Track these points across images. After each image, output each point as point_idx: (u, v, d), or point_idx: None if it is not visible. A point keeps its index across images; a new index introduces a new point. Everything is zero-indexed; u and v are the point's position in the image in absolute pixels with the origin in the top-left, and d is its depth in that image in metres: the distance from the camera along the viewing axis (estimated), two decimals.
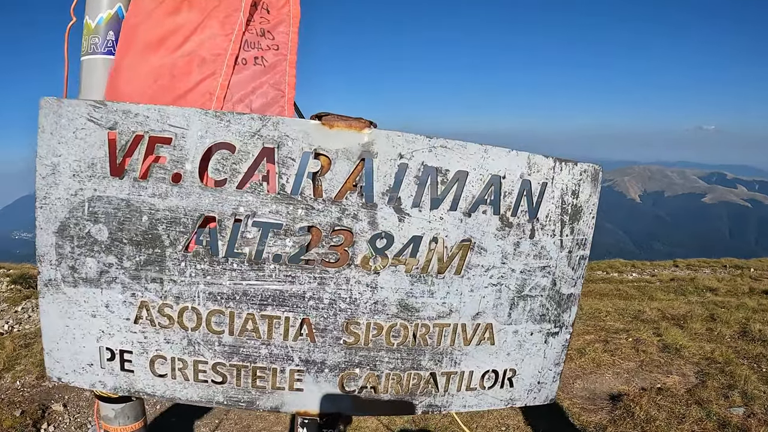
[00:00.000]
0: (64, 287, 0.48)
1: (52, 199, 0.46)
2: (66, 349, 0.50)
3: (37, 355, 4.89)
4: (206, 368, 0.48)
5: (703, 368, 4.52)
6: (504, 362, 0.54)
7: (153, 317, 0.47)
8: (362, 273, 0.48)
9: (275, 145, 0.43)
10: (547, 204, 0.50)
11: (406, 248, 0.48)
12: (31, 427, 3.56)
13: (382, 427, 3.29)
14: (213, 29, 0.56)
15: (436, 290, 0.49)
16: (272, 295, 0.46)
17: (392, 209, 0.46)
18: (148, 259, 0.45)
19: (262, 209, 0.44)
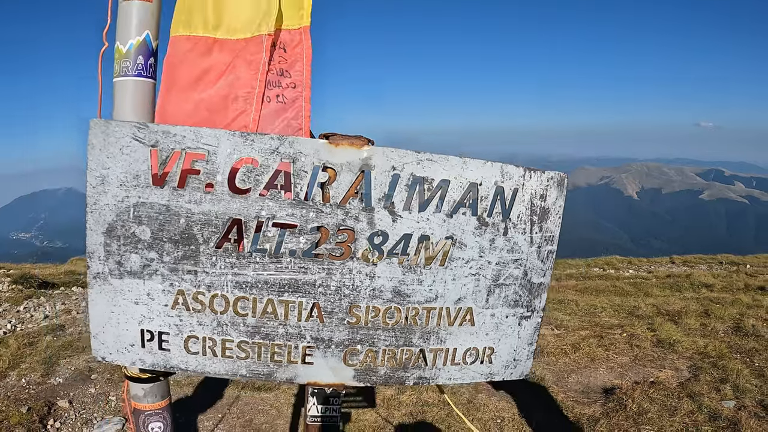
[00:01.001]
0: (111, 279, 0.57)
1: (100, 205, 0.55)
2: (110, 332, 0.59)
3: (41, 353, 4.97)
4: (232, 346, 0.58)
5: (696, 362, 4.64)
6: (483, 341, 0.64)
7: (188, 303, 0.57)
8: (362, 265, 0.58)
9: (291, 160, 0.53)
10: (519, 206, 0.60)
11: (398, 244, 0.58)
12: (38, 423, 3.66)
13: (381, 419, 3.40)
14: (241, 70, 0.66)
15: (423, 279, 0.59)
16: (288, 283, 0.56)
17: (387, 212, 0.56)
18: (184, 254, 0.55)
19: (280, 213, 0.54)
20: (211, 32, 0.71)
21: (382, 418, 3.51)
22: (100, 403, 4.19)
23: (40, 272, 9.00)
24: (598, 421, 3.64)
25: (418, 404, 3.75)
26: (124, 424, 3.82)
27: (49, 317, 6.47)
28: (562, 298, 8.04)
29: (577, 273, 11.73)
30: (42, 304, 6.95)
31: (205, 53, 0.70)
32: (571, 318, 6.75)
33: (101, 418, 3.97)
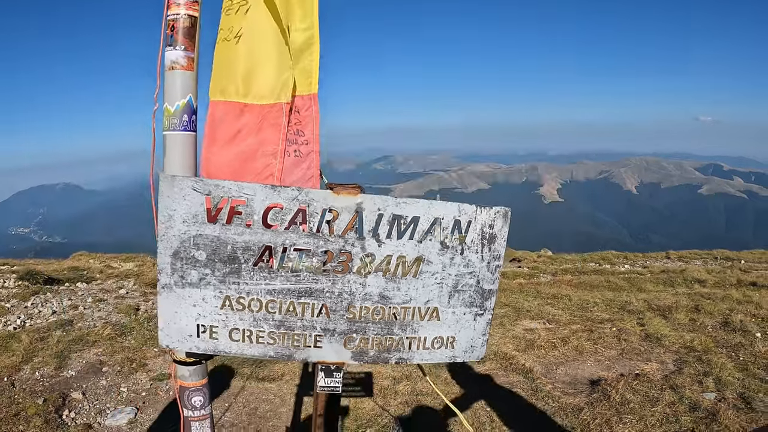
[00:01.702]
0: (175, 289, 0.80)
1: (168, 236, 0.78)
2: (174, 327, 0.82)
3: (53, 347, 5.23)
4: (264, 335, 0.81)
5: (681, 356, 4.88)
6: (447, 332, 0.87)
7: (232, 305, 0.80)
8: (357, 277, 0.81)
9: (306, 204, 0.75)
10: (472, 233, 0.83)
11: (383, 262, 0.81)
12: (54, 413, 3.92)
13: (378, 407, 3.66)
14: (267, 131, 0.88)
15: (401, 286, 0.82)
16: (304, 290, 0.79)
17: (374, 240, 0.79)
18: (230, 270, 0.78)
19: (299, 241, 0.77)
20: (241, 99, 0.94)
21: (379, 406, 3.76)
22: (113, 394, 4.44)
23: (44, 268, 9.22)
24: (582, 410, 3.88)
25: (413, 393, 4.01)
26: (136, 413, 4.08)
27: (56, 313, 6.68)
28: (556, 293, 8.25)
29: (572, 268, 11.86)
30: (49, 300, 7.15)
31: (239, 115, 0.92)
32: (563, 312, 6.97)
33: (114, 408, 4.20)
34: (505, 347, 5.22)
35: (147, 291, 7.63)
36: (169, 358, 4.95)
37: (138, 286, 8.02)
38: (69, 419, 3.84)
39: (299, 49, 0.99)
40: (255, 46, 0.96)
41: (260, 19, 0.95)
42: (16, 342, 5.23)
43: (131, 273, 8.92)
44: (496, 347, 5.20)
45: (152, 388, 4.52)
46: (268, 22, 0.95)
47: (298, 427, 3.48)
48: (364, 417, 3.47)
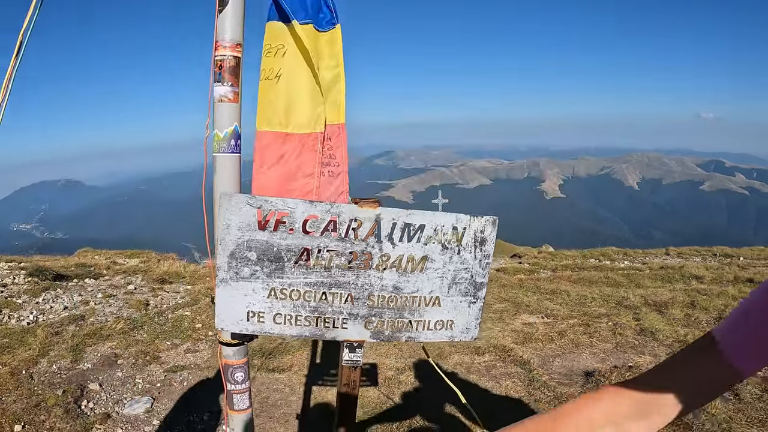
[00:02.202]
0: (231, 282, 1.02)
1: (226, 240, 1.00)
2: (228, 313, 1.04)
3: (68, 341, 5.47)
4: (301, 319, 1.03)
5: (674, 350, 5.10)
6: (447, 316, 1.09)
7: (277, 295, 1.01)
8: (376, 272, 1.02)
9: (337, 215, 0.97)
10: (467, 237, 1.04)
11: (396, 260, 1.02)
12: (73, 403, 4.17)
13: (383, 396, 3.90)
14: (306, 155, 1.10)
15: (410, 280, 1.04)
16: (335, 283, 1.01)
17: (389, 243, 1.00)
18: (276, 267, 1.00)
19: (330, 244, 0.99)
20: (284, 129, 1.16)
21: (383, 395, 4.00)
22: (128, 386, 4.68)
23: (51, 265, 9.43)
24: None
25: (416, 383, 4.25)
26: (152, 402, 4.32)
27: (68, 308, 6.90)
28: (555, 289, 8.45)
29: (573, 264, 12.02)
30: (60, 296, 7.36)
31: (282, 143, 1.14)
32: (561, 307, 7.18)
33: (131, 399, 4.44)
34: (503, 340, 5.43)
35: (155, 287, 7.82)
36: (180, 352, 5.18)
37: (146, 282, 8.21)
38: (88, 409, 4.08)
39: (328, 85, 1.21)
40: (292, 85, 1.18)
41: (295, 60, 1.17)
42: (32, 336, 5.44)
43: (139, 269, 9.11)
44: (495, 340, 5.40)
45: (166, 379, 4.73)
46: (302, 63, 1.17)
47: (308, 415, 3.71)
48: (370, 405, 3.70)
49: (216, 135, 1.14)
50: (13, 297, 7.02)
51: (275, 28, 1.21)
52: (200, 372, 4.62)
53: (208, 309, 6.34)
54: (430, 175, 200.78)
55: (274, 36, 1.20)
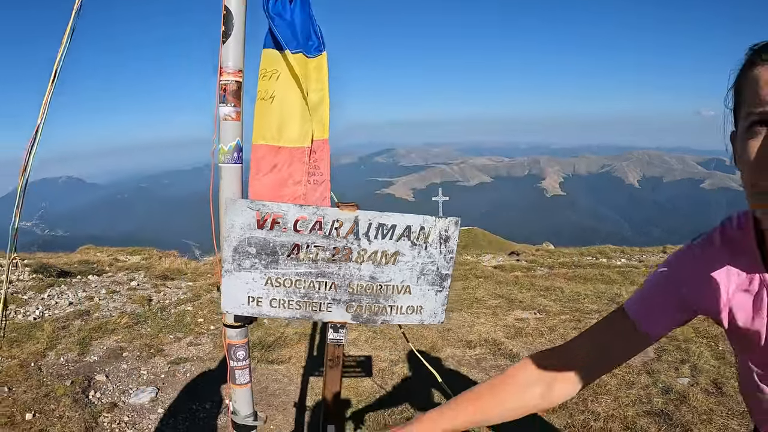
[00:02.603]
0: (234, 272, 1.23)
1: (231, 238, 1.20)
2: (232, 298, 1.25)
3: (75, 335, 5.71)
4: (293, 303, 1.24)
5: (662, 345, 5.24)
6: (416, 302, 1.30)
7: (272, 283, 1.22)
8: (355, 264, 1.23)
9: (322, 217, 1.18)
10: (433, 235, 1.25)
11: (372, 254, 1.23)
12: (81, 393, 4.40)
13: (376, 386, 4.12)
14: (295, 166, 1.31)
15: (384, 270, 1.24)
16: (320, 272, 1.22)
17: (366, 240, 1.21)
18: (272, 260, 1.20)
19: (317, 241, 1.19)
20: (277, 143, 1.37)
21: (377, 385, 4.22)
22: (134, 377, 4.90)
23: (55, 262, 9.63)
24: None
25: (408, 375, 4.46)
26: (157, 392, 4.54)
27: (73, 304, 7.10)
28: (550, 286, 8.62)
29: (570, 261, 12.16)
30: (64, 292, 7.57)
31: (275, 154, 1.35)
32: (554, 304, 7.35)
33: (136, 389, 4.67)
34: (495, 334, 5.62)
35: (157, 283, 7.99)
36: (183, 345, 5.39)
37: (148, 278, 8.38)
38: (95, 399, 4.29)
39: (315, 105, 1.42)
40: (284, 105, 1.39)
41: (287, 84, 1.38)
42: (39, 330, 5.66)
43: (141, 266, 9.27)
44: (486, 334, 5.60)
45: (170, 370, 4.94)
46: (293, 86, 1.38)
47: (305, 403, 3.91)
48: (364, 393, 3.92)
49: (221, 148, 1.35)
50: (18, 293, 7.22)
51: (270, 54, 1.41)
52: (203, 364, 4.83)
53: (210, 304, 6.55)
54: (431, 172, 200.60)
55: (269, 62, 1.41)
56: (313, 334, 5.18)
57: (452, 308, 6.42)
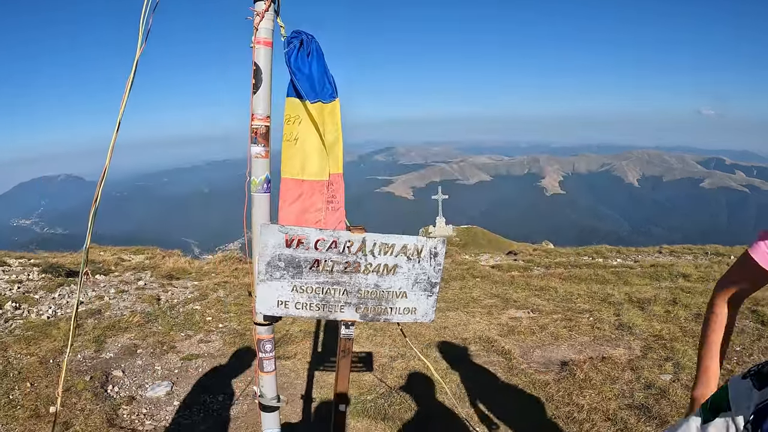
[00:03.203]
0: (267, 281, 1.56)
1: (265, 254, 1.54)
2: (265, 302, 1.58)
3: (90, 333, 6.05)
4: (313, 306, 1.57)
5: (649, 343, 5.54)
6: (411, 304, 1.63)
7: (297, 289, 1.56)
8: (363, 275, 1.57)
9: (337, 238, 1.51)
10: (424, 252, 1.59)
11: (377, 266, 1.57)
12: (100, 388, 4.75)
13: (377, 380, 4.46)
14: (316, 196, 1.64)
15: (386, 280, 1.58)
16: (336, 281, 1.55)
17: (372, 256, 1.55)
18: (296, 272, 1.54)
19: (333, 257, 1.53)
20: (300, 176, 1.70)
21: (378, 378, 4.57)
22: (149, 372, 5.25)
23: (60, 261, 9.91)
24: (549, 384, 4.66)
25: (406, 369, 4.82)
26: (171, 386, 4.88)
27: (84, 303, 7.40)
28: (545, 285, 8.92)
29: (566, 261, 12.40)
30: (74, 291, 7.89)
31: (299, 186, 1.68)
32: (547, 303, 7.66)
33: (152, 383, 5.01)
34: (489, 332, 5.95)
35: (164, 282, 8.28)
36: (194, 342, 5.73)
37: (155, 278, 8.66)
38: (114, 392, 4.63)
39: (330, 144, 1.75)
40: (306, 145, 1.72)
41: (307, 127, 1.71)
42: (55, 329, 5.98)
43: (146, 266, 9.54)
44: (481, 332, 5.93)
45: (183, 366, 5.28)
46: (312, 129, 1.72)
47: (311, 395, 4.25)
48: (365, 386, 4.26)
49: (253, 181, 1.68)
50: (30, 292, 7.53)
51: (293, 102, 1.75)
52: (213, 360, 5.17)
53: (217, 303, 6.88)
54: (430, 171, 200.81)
55: (292, 108, 1.74)
56: (316, 332, 5.52)
57: (449, 307, 6.77)
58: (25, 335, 5.62)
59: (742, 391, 0.87)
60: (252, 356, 5.13)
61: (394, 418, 3.77)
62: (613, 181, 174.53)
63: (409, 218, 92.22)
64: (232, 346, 5.39)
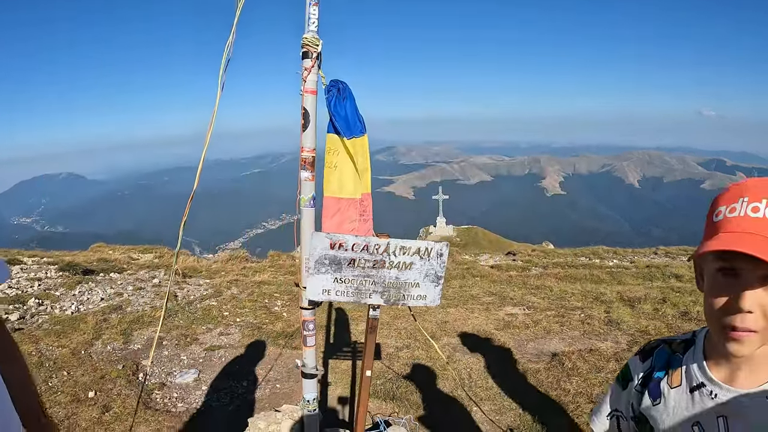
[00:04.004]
0: (315, 275, 2.11)
1: (314, 254, 2.08)
2: (313, 290, 2.14)
3: (117, 326, 6.62)
4: (349, 293, 2.13)
5: (635, 338, 6.08)
6: (422, 292, 2.19)
7: (337, 281, 2.12)
8: (387, 270, 2.13)
9: (368, 243, 2.06)
10: (432, 253, 2.13)
11: (397, 263, 2.13)
12: (132, 375, 5.32)
13: (384, 366, 5.01)
14: (351, 210, 2.19)
15: (404, 274, 2.15)
16: (366, 275, 2.11)
17: (394, 255, 2.11)
18: (337, 267, 2.09)
19: (365, 256, 2.09)
20: (339, 195, 2.25)
21: (386, 366, 5.12)
22: (175, 362, 5.80)
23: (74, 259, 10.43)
24: (539, 372, 5.23)
25: (411, 359, 5.37)
26: (198, 373, 5.43)
27: (104, 299, 7.95)
28: (541, 284, 9.48)
29: (563, 262, 12.94)
30: (93, 289, 8.43)
31: (338, 203, 2.23)
32: (542, 301, 8.21)
33: (180, 371, 5.55)
34: (486, 327, 6.51)
35: (179, 280, 8.78)
36: (215, 335, 6.27)
37: (168, 276, 9.15)
38: (145, 379, 5.15)
39: (362, 171, 2.30)
40: (343, 171, 2.27)
41: (344, 157, 2.26)
42: (82, 323, 6.52)
43: (158, 264, 10.03)
44: (479, 327, 6.49)
45: (207, 356, 5.83)
46: (348, 159, 2.26)
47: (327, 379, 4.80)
48: (375, 372, 4.81)
49: (302, 199, 2.22)
50: (50, 290, 8.06)
51: (332, 138, 2.30)
52: (234, 350, 5.72)
53: (232, 300, 7.41)
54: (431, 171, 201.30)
55: (332, 142, 2.29)
56: (327, 325, 6.08)
57: (449, 304, 7.33)
58: (54, 329, 6.14)
59: (636, 365, 1.21)
60: (269, 347, 5.68)
61: (401, 399, 4.32)
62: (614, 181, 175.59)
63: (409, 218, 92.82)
64: (250, 338, 5.94)
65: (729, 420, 0.92)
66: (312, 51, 2.16)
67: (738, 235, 0.82)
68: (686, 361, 1.05)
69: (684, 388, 1.02)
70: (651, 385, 1.10)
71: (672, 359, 1.10)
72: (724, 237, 0.84)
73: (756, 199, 0.83)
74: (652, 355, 1.16)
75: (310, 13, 2.14)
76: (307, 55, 2.18)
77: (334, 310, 6.62)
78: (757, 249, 0.76)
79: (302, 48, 2.16)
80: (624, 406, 1.21)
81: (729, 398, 0.93)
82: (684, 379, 1.03)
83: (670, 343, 1.14)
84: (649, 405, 1.08)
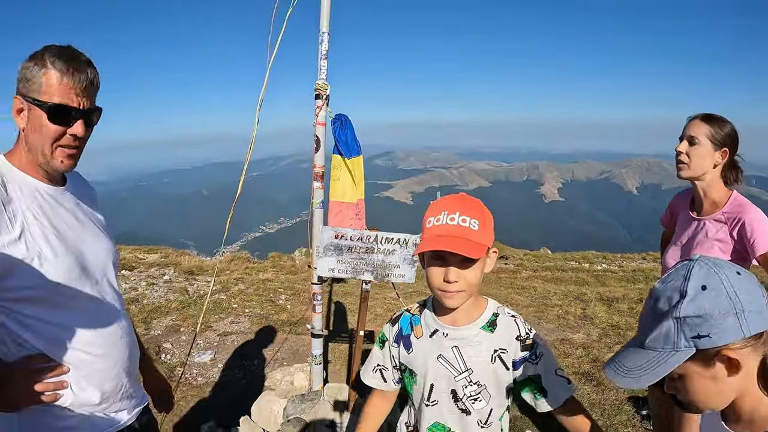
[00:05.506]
0: (323, 257, 2.99)
1: (323, 243, 2.95)
2: (322, 268, 3.00)
3: (137, 315, 7.49)
4: (348, 270, 3.03)
5: (606, 331, 6.83)
6: (402, 272, 3.14)
7: (340, 262, 3.00)
8: (376, 254, 3.01)
9: (362, 234, 2.91)
10: (409, 242, 2.99)
11: (383, 250, 3.02)
12: (155, 356, 6.14)
13: None
14: (349, 212, 3.05)
15: (388, 257, 3.06)
16: (360, 257, 3.00)
17: (380, 243, 2.99)
18: (339, 252, 3.00)
19: (359, 244, 2.97)
20: (341, 199, 3.09)
21: None
22: (192, 345, 6.56)
23: None
24: None
25: None
26: (214, 354, 6.24)
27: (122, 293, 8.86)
28: (527, 285, 10.26)
29: (553, 265, 13.67)
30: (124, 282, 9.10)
31: (340, 205, 3.08)
32: (525, 299, 8.96)
33: (197, 352, 6.37)
34: None
35: (189, 277, 9.59)
36: (227, 323, 7.09)
37: (178, 273, 9.95)
38: (167, 359, 5.97)
39: (357, 182, 3.15)
40: (344, 182, 3.13)
41: (345, 172, 3.12)
42: None
43: (166, 263, 10.78)
44: None
45: (221, 340, 6.65)
46: (347, 173, 3.12)
47: (328, 360, 5.60)
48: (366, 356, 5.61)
49: (314, 202, 3.07)
50: None
51: (336, 158, 3.16)
52: (245, 336, 6.53)
53: (240, 294, 8.21)
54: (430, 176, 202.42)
55: (337, 161, 3.16)
56: (327, 314, 6.89)
57: None
58: None
59: (388, 329, 1.56)
60: (276, 333, 6.50)
61: None
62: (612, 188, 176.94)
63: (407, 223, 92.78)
64: (258, 326, 6.77)
65: (460, 347, 1.36)
66: (322, 93, 3.01)
67: (443, 238, 1.18)
68: (423, 318, 1.45)
69: (426, 336, 1.41)
70: (403, 341, 1.48)
71: (413, 319, 1.48)
72: (434, 240, 1.20)
73: (452, 212, 1.21)
74: (398, 320, 1.54)
75: (321, 66, 2.98)
76: (319, 97, 3.02)
77: (333, 304, 7.45)
78: (454, 246, 1.15)
79: (315, 91, 3.01)
80: (386, 361, 1.56)
81: (456, 334, 1.37)
82: (424, 330, 1.42)
83: (409, 309, 1.55)
84: (406, 355, 1.46)
